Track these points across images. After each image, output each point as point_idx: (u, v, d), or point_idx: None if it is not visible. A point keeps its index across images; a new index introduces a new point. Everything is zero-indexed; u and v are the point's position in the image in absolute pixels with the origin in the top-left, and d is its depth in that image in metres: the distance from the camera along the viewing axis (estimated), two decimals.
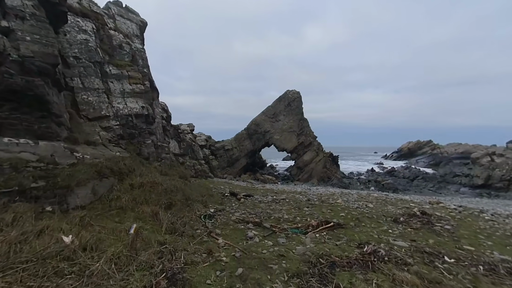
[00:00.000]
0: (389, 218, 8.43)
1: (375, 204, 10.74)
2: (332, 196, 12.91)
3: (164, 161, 10.40)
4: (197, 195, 9.63)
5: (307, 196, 12.39)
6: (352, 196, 12.70)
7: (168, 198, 7.64)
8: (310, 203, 10.31)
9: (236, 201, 10.35)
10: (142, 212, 6.53)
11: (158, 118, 11.70)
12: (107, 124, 8.54)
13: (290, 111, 33.58)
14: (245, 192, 12.30)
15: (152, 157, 9.80)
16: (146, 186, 7.51)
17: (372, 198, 12.75)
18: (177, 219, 6.69)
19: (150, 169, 9.00)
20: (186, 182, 10.32)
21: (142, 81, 10.10)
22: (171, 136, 19.00)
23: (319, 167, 31.84)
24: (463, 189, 29.52)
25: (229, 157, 32.98)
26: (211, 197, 10.24)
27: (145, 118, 9.92)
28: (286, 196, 12.02)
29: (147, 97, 10.27)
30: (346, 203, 10.72)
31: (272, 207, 9.52)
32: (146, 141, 9.71)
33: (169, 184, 8.50)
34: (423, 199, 13.62)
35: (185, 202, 8.13)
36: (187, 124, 22.24)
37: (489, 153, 39.99)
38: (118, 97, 9.20)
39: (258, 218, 8.08)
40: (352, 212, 9.13)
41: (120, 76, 9.41)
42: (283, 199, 10.96)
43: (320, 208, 9.59)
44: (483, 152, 40.46)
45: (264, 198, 11.13)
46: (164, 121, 16.59)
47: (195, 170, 21.19)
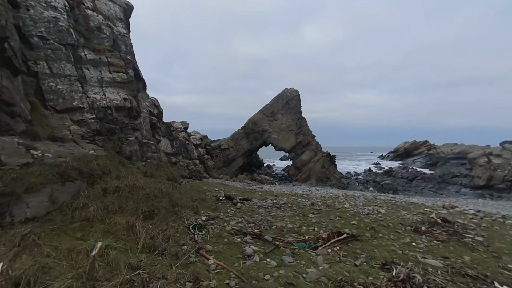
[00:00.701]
0: (409, 228, 7.23)
1: (386, 209, 9.56)
2: (337, 199, 11.70)
3: (150, 160, 9.06)
4: (187, 200, 8.32)
5: (310, 199, 11.16)
6: (359, 199, 11.51)
7: (150, 205, 6.31)
8: (315, 208, 9.08)
9: (232, 206, 9.07)
10: (114, 224, 5.20)
11: (144, 112, 10.36)
12: (80, 117, 7.17)
13: (289, 109, 32.39)
14: (242, 196, 11.03)
15: (136, 156, 8.45)
16: (123, 191, 6.17)
17: (380, 201, 11.58)
18: (158, 232, 5.38)
19: (131, 170, 7.67)
20: (175, 185, 9.00)
21: (125, 70, 8.75)
22: (162, 134, 17.61)
23: (318, 167, 30.71)
24: (464, 190, 28.68)
25: (225, 156, 31.63)
26: (203, 202, 8.93)
27: (127, 111, 8.57)
28: (287, 199, 10.77)
29: (130, 88, 8.92)
30: (355, 208, 9.52)
31: (273, 213, 8.27)
32: (129, 137, 8.36)
33: (153, 187, 7.17)
34: (435, 202, 12.51)
35: (172, 209, 6.81)
36: (181, 122, 20.85)
37: (486, 153, 39.44)
38: (95, 87, 7.83)
39: (257, 228, 6.81)
40: (364, 219, 7.92)
41: (97, 62, 8.05)
42: (284, 203, 9.70)
43: (327, 215, 8.36)
44: (480, 153, 39.89)
45: (263, 202, 9.86)
46: (154, 117, 15.20)
47: (189, 171, 19.82)
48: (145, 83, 10.82)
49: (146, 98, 11.34)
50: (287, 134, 31.87)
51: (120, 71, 8.62)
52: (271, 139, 32.10)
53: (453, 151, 51.12)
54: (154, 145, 9.57)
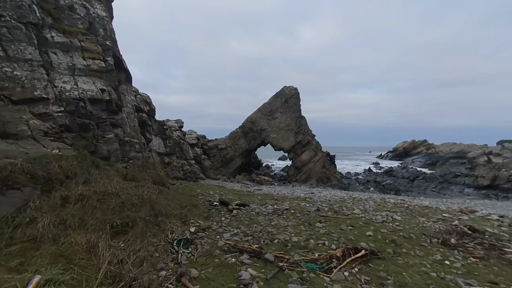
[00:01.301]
0: (435, 240, 6.06)
1: (401, 215, 8.40)
2: (343, 203, 10.52)
3: (134, 161, 7.82)
4: (174, 207, 7.09)
5: (314, 204, 9.97)
6: (368, 203, 10.34)
7: (125, 216, 5.08)
8: (322, 215, 7.89)
9: (227, 213, 7.85)
10: (70, 245, 3.97)
11: (129, 107, 9.12)
12: (43, 109, 5.92)
13: (287, 108, 31.21)
14: (239, 200, 9.81)
15: (115, 157, 7.21)
16: (89, 200, 4.93)
17: (391, 205, 10.42)
18: (130, 254, 4.15)
19: (108, 173, 6.42)
20: (162, 189, 7.76)
21: (103, 57, 7.52)
22: (154, 132, 16.34)
23: (318, 167, 29.56)
24: (467, 190, 27.66)
25: (222, 156, 30.39)
26: (194, 209, 7.71)
27: (106, 104, 7.33)
28: (289, 204, 9.57)
29: (110, 78, 7.68)
30: (366, 214, 8.35)
31: (274, 222, 7.06)
32: (107, 135, 7.12)
33: (131, 194, 5.94)
34: (450, 206, 11.37)
35: (153, 220, 5.59)
36: (175, 120, 19.58)
37: (485, 152, 38.63)
38: (65, 75, 6.59)
39: (256, 242, 5.60)
40: (380, 229, 6.74)
41: (68, 46, 6.81)
42: (286, 209, 8.50)
43: (336, 223, 7.18)
44: (480, 152, 39.09)
45: (262, 208, 8.66)
46: (145, 114, 13.95)
47: (184, 171, 18.57)
48: (129, 74, 9.56)
49: (131, 91, 10.09)
50: (286, 133, 30.70)
51: (97, 58, 7.37)
52: (270, 139, 30.91)
53: (452, 150, 50.40)
54: (139, 144, 8.33)
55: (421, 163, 52.00)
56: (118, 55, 8.57)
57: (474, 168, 36.27)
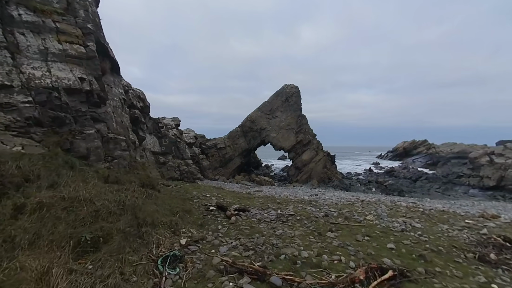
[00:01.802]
0: (470, 254, 5.09)
1: (420, 222, 7.44)
2: (352, 207, 9.55)
3: (118, 161, 6.83)
4: (164, 214, 6.10)
5: (321, 208, 9.00)
6: (380, 207, 9.37)
7: (98, 228, 4.09)
8: (332, 223, 6.92)
9: (224, 219, 6.86)
10: (15, 271, 3.00)
11: (116, 101, 8.10)
12: (5, 99, 4.93)
13: (288, 107, 30.24)
14: (238, 204, 8.83)
15: (96, 156, 6.21)
16: (53, 209, 3.94)
17: (404, 209, 9.46)
18: (95, 281, 3.18)
19: (84, 174, 5.43)
20: (151, 193, 6.77)
21: (83, 41, 6.54)
22: (149, 130, 15.34)
23: (319, 167, 28.61)
24: (472, 191, 26.78)
25: (221, 156, 29.39)
26: (187, 215, 6.71)
27: (86, 96, 6.34)
28: (293, 208, 8.59)
29: (91, 66, 6.69)
30: (380, 220, 7.38)
31: (278, 231, 6.08)
32: (86, 130, 6.12)
33: (110, 199, 4.95)
34: (468, 210, 10.41)
35: (134, 232, 4.60)
36: (172, 118, 18.57)
37: (487, 152, 37.87)
38: (35, 59, 5.60)
39: (259, 258, 4.62)
40: (401, 239, 5.77)
41: (40, 27, 5.81)
42: (291, 215, 7.52)
43: (350, 232, 6.20)
44: (481, 152, 38.32)
45: (264, 213, 7.68)
46: (137, 111, 12.95)
47: (180, 172, 17.57)
48: (117, 64, 8.55)
49: (120, 83, 9.08)
50: (287, 133, 29.74)
51: (76, 42, 6.37)
52: (270, 138, 29.94)
53: (453, 150, 49.56)
54: (126, 141, 7.33)
55: (421, 163, 51.16)
56: (102, 42, 7.58)
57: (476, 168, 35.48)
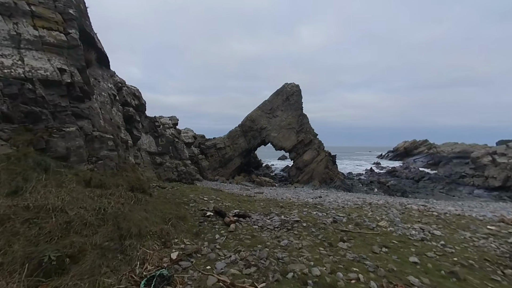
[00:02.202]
0: (509, 271, 4.35)
1: (438, 228, 6.70)
2: (361, 211, 8.80)
3: (104, 162, 6.07)
4: (154, 222, 5.35)
5: (328, 212, 8.25)
6: (392, 212, 8.62)
7: (67, 244, 3.34)
8: (343, 230, 6.17)
9: (223, 227, 6.11)
10: None
11: (104, 96, 7.33)
12: None
13: (289, 106, 29.50)
14: (238, 208, 8.08)
15: (77, 156, 5.46)
16: (10, 222, 3.19)
17: (417, 213, 8.72)
18: None
19: (60, 178, 4.68)
20: (140, 198, 6.02)
21: (64, 28, 5.80)
22: (145, 130, 14.58)
23: (321, 168, 27.86)
24: (477, 191, 26.06)
25: (221, 156, 28.65)
26: (181, 222, 5.96)
27: (66, 89, 5.60)
28: (298, 213, 7.84)
29: (73, 56, 5.94)
30: (395, 227, 6.64)
31: (283, 241, 5.33)
32: (66, 127, 5.38)
33: (88, 207, 4.20)
34: (485, 214, 9.66)
35: (115, 246, 3.85)
36: (169, 117, 17.83)
37: (489, 152, 37.28)
38: (5, 46, 4.84)
39: (262, 276, 3.88)
40: (424, 251, 5.03)
41: (10, 9, 5.07)
42: (296, 221, 6.77)
43: (364, 242, 5.45)
44: (483, 152, 37.70)
45: (267, 219, 6.93)
46: (131, 109, 12.20)
47: (178, 173, 16.82)
48: (106, 57, 7.78)
49: (109, 78, 8.30)
50: (288, 132, 29.01)
51: (55, 29, 5.63)
52: (270, 138, 29.21)
53: (454, 150, 48.88)
54: (114, 140, 6.58)
55: (423, 163, 50.46)
56: (88, 31, 6.83)
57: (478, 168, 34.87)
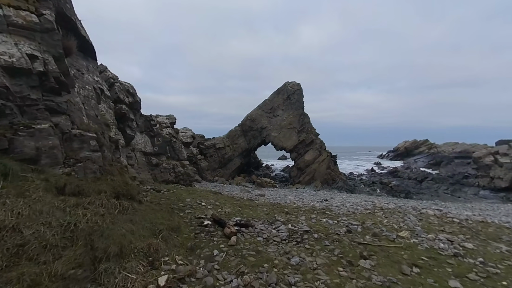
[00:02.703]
0: None
1: (466, 239, 5.85)
2: (374, 217, 7.94)
3: (85, 164, 5.19)
4: (142, 235, 4.48)
5: (339, 219, 7.38)
6: (408, 218, 7.75)
7: (14, 277, 2.47)
8: (361, 243, 5.31)
9: (222, 239, 5.24)
10: None
11: (88, 90, 6.44)
12: None
13: (290, 105, 28.64)
14: (239, 214, 7.19)
15: (51, 158, 4.59)
16: None
17: (435, 219, 7.87)
18: None
19: (22, 185, 3.80)
20: (126, 206, 5.14)
21: (36, 8, 4.94)
22: (140, 129, 13.69)
23: (323, 168, 27.02)
24: (483, 192, 25.27)
25: (221, 156, 27.78)
26: (173, 235, 5.08)
27: (38, 79, 4.73)
28: (306, 220, 6.97)
29: (48, 42, 5.07)
30: (417, 237, 5.79)
31: (294, 258, 4.46)
32: (37, 124, 4.51)
33: (54, 223, 3.33)
34: (509, 220, 8.83)
35: (84, 274, 2.98)
36: (166, 116, 16.95)
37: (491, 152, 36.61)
38: None
39: None
40: (464, 272, 4.17)
41: None
42: (306, 231, 5.89)
43: (389, 259, 4.59)
44: (485, 152, 37.03)
45: (272, 228, 6.05)
46: (124, 106, 11.31)
47: (176, 174, 15.93)
48: (91, 47, 6.84)
49: (95, 70, 7.40)
50: (289, 132, 28.15)
51: (24, 8, 4.77)
52: (271, 138, 28.35)
53: (455, 150, 48.18)
54: (98, 139, 5.70)
55: (424, 163, 49.69)
56: (69, 15, 5.96)
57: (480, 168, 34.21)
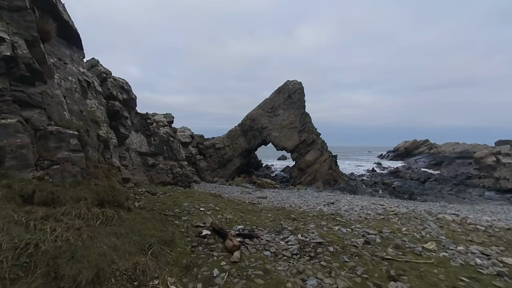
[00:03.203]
0: None
1: (501, 252, 5.10)
2: (389, 224, 7.17)
3: (63, 166, 4.39)
4: (127, 252, 3.69)
5: (352, 227, 6.60)
6: (429, 225, 6.98)
7: None
8: (384, 258, 4.53)
9: (223, 254, 4.44)
10: None
11: (71, 82, 5.62)
12: None
13: (291, 104, 27.88)
14: (242, 221, 6.39)
15: (18, 159, 3.80)
16: None
17: (457, 226, 7.11)
18: None
19: None
20: (111, 215, 4.34)
21: None
22: (135, 128, 12.87)
23: (324, 169, 26.27)
24: (488, 194, 24.59)
25: (220, 157, 26.97)
26: (166, 249, 4.27)
27: (5, 66, 3.92)
28: (316, 229, 6.18)
29: (19, 23, 4.27)
30: (447, 250, 5.03)
31: (310, 280, 3.67)
32: (2, 119, 3.72)
33: (5, 244, 2.54)
34: None
35: None
36: (164, 114, 16.13)
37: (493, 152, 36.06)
38: None
39: None
40: None
41: None
42: (319, 243, 5.10)
43: (422, 281, 3.80)
44: (487, 152, 36.46)
45: (280, 240, 5.26)
46: (117, 102, 10.49)
47: (173, 175, 15.12)
48: (76, 34, 6.05)
49: (80, 60, 6.56)
50: (289, 132, 27.39)
51: None
52: (272, 137, 27.58)
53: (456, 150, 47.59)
54: (80, 138, 4.91)
55: (425, 163, 49.05)
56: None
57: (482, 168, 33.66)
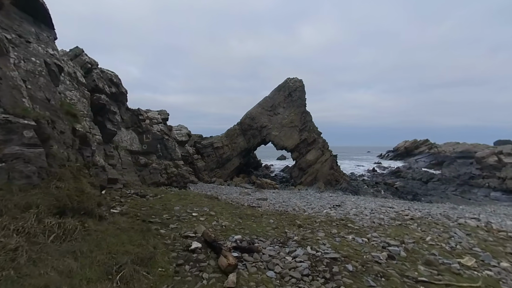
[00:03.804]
0: None
1: None
2: (409, 231, 6.21)
3: (10, 165, 3.42)
4: (87, 277, 2.73)
5: (368, 235, 5.64)
6: (457, 234, 6.04)
7: None
8: (418, 280, 3.58)
9: (215, 276, 3.46)
10: None
11: (34, 63, 4.59)
12: None
13: (291, 102, 26.93)
14: (239, 230, 5.42)
15: None
16: None
17: (487, 235, 6.18)
18: None
19: None
20: (73, 227, 3.38)
21: None
22: (125, 124, 11.88)
23: (326, 169, 25.33)
24: (494, 194, 23.74)
25: (219, 156, 26.00)
26: (142, 270, 3.29)
27: None
28: (326, 238, 5.22)
29: None
30: (489, 268, 4.09)
31: None
32: None
33: None
34: None
35: None
36: (158, 111, 15.14)
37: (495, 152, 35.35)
38: None
39: None
40: None
41: None
42: (333, 258, 4.15)
43: None
44: (488, 152, 35.75)
45: (285, 254, 4.29)
46: (104, 96, 9.50)
47: (168, 175, 14.13)
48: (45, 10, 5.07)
49: (50, 41, 5.54)
50: (290, 131, 26.44)
51: None
52: (271, 137, 26.62)
53: (456, 150, 46.80)
54: (40, 130, 3.94)
55: (425, 163, 48.23)
56: None
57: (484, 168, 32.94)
